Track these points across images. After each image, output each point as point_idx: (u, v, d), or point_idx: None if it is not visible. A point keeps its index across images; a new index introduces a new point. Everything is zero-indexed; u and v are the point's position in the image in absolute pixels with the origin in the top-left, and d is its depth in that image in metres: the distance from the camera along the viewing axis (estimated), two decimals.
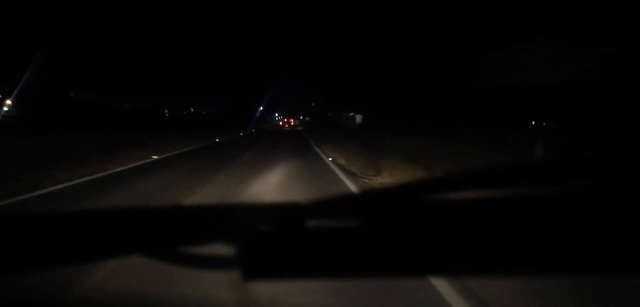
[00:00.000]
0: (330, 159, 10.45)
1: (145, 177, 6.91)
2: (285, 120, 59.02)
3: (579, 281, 1.99)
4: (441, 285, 2.17)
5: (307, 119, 58.27)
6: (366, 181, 7.07)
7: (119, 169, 7.37)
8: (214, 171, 7.48)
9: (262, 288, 1.87)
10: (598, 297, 1.96)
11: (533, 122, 22.18)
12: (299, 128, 48.01)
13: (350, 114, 49.61)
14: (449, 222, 0.64)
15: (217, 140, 17.40)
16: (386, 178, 7.10)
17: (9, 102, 19.46)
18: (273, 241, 0.72)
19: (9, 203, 4.43)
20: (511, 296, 2.08)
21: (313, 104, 56.03)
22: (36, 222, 0.89)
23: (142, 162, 8.65)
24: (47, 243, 0.82)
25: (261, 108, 66.76)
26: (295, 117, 58.80)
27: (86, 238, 0.83)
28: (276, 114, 65.79)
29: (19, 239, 0.82)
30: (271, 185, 6.16)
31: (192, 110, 53.12)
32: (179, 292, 1.91)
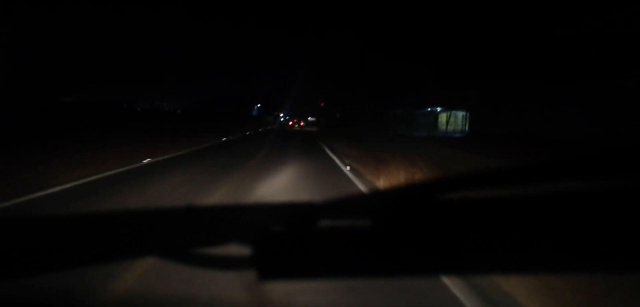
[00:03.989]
0: None
1: None
2: (295, 120, 57.48)
3: (593, 279, 1.96)
4: (453, 284, 2.16)
5: (311, 119, 51.93)
6: None
7: None
8: None
9: (276, 288, 1.89)
10: (611, 294, 1.93)
11: None
12: (313, 129, 35.92)
13: (433, 109, 25.99)
14: (460, 221, 0.64)
15: None
16: None
17: None
18: (286, 240, 0.73)
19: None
20: (525, 294, 2.06)
21: (322, 104, 52.34)
22: (47, 223, 0.91)
23: None
24: (60, 244, 0.83)
25: (258, 105, 59.04)
26: (303, 118, 57.00)
27: (99, 239, 0.85)
28: (281, 114, 63.15)
29: (28, 241, 0.83)
30: None
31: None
32: (193, 292, 1.93)
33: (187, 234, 0.86)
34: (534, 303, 2.00)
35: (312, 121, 52.27)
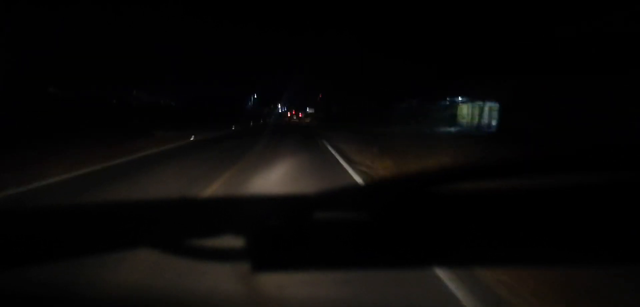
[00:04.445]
0: None
1: None
2: (293, 112, 56.84)
3: (578, 271, 1.99)
4: (447, 276, 2.18)
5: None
6: None
7: None
8: None
9: (271, 279, 1.90)
10: (598, 289, 1.96)
11: None
12: (312, 123, 33.84)
13: (453, 100, 22.23)
14: (454, 214, 0.64)
15: None
16: None
17: None
18: (281, 233, 0.73)
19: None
20: (513, 286, 2.08)
21: (320, 96, 51.99)
22: (41, 215, 0.90)
23: None
24: (55, 236, 0.83)
25: (255, 96, 56.74)
26: (302, 111, 56.63)
27: (93, 231, 0.85)
28: (279, 106, 62.55)
29: (23, 233, 0.83)
30: None
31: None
32: (188, 284, 1.94)
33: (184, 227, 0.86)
34: (523, 297, 2.02)
35: (310, 114, 51.92)
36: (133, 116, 22.14)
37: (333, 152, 9.34)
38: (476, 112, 20.83)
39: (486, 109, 20.07)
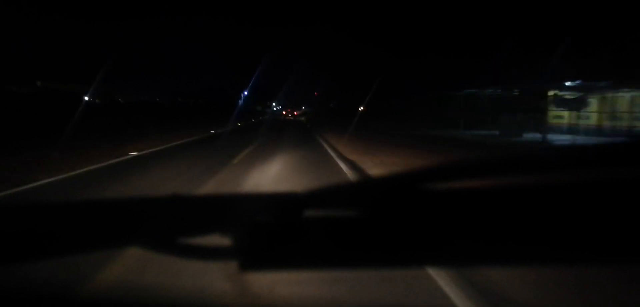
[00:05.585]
0: None
1: None
2: (288, 110, 57.14)
3: (572, 272, 2.01)
4: (438, 275, 2.18)
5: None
6: None
7: None
8: None
9: (260, 279, 1.88)
10: (591, 287, 1.98)
11: None
12: (311, 123, 28.84)
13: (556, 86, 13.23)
14: (446, 212, 0.63)
15: None
16: None
17: None
18: (271, 231, 0.72)
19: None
20: (507, 285, 2.09)
21: (316, 94, 51.88)
22: (33, 213, 0.89)
23: None
24: (45, 235, 0.81)
25: (245, 93, 55.58)
26: (297, 108, 57.15)
27: (83, 229, 0.83)
28: (273, 104, 62.49)
29: (16, 231, 0.81)
30: None
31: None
32: (177, 283, 1.92)
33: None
34: (517, 294, 2.04)
35: (306, 111, 52.04)
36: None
37: None
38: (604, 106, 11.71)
39: (626, 99, 11.38)
